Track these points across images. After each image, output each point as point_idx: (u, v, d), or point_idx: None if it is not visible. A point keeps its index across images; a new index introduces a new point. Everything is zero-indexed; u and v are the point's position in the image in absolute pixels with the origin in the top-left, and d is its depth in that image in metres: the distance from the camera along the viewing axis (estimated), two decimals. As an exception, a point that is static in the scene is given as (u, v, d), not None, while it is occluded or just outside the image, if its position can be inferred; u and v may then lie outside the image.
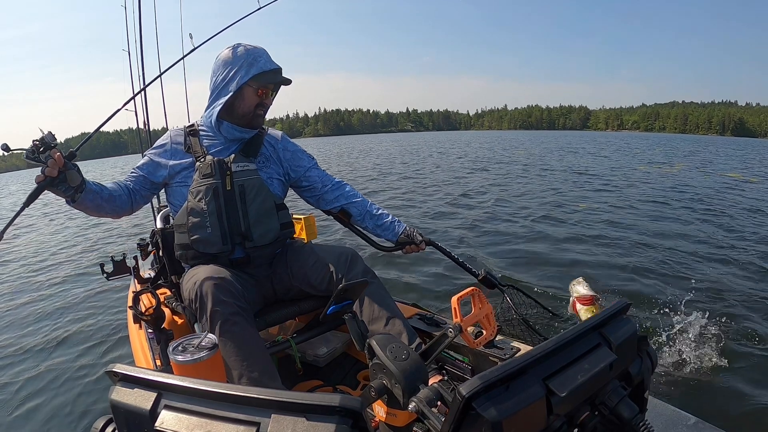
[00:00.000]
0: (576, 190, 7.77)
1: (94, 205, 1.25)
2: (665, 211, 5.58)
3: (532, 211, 5.88)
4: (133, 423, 0.54)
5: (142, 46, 2.05)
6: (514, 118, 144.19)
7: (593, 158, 14.73)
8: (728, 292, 2.54)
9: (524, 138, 41.18)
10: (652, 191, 7.42)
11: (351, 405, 0.46)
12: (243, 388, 0.49)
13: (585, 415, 0.61)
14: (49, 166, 1.07)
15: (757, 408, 1.61)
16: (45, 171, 1.08)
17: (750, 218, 5.12)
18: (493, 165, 13.46)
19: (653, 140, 34.58)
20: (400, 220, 1.56)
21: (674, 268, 3.05)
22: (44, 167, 1.08)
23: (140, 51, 2.04)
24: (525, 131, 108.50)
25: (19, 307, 3.72)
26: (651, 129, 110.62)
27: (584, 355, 0.61)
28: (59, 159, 1.08)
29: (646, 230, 4.52)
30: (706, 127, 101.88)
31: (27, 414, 2.11)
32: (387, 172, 12.22)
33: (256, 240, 1.36)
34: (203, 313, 1.16)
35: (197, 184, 1.33)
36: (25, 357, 2.72)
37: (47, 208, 10.32)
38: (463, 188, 8.10)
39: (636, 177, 9.69)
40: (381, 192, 8.42)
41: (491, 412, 0.49)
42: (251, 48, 1.36)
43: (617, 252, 3.68)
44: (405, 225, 1.55)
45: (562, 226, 4.93)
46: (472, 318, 0.96)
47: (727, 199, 6.57)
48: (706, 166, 12.33)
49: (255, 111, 1.39)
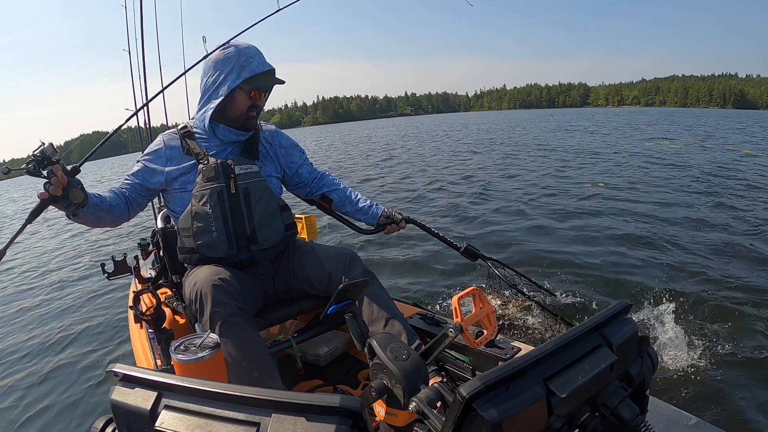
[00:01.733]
0: (582, 171, 7.53)
1: (94, 218, 1.23)
2: (673, 196, 5.22)
3: (534, 194, 5.78)
4: (133, 423, 0.54)
5: (143, 45, 2.06)
6: (514, 98, 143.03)
7: (601, 137, 14.13)
8: (734, 290, 2.53)
9: (524, 118, 40.18)
10: (660, 172, 7.05)
11: (351, 405, 0.46)
12: (243, 388, 0.49)
13: (585, 416, 0.61)
14: (52, 183, 1.04)
15: (758, 409, 1.61)
16: (49, 189, 1.05)
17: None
18: (499, 145, 13.21)
19: (654, 115, 33.77)
20: (379, 204, 1.60)
21: (677, 265, 3.00)
22: (47, 184, 1.05)
23: (142, 50, 2.05)
24: (525, 110, 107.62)
25: (20, 307, 3.73)
26: (651, 104, 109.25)
27: (585, 355, 0.61)
28: (62, 178, 1.05)
29: (652, 218, 4.28)
30: (707, 100, 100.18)
31: (28, 414, 2.11)
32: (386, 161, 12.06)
33: (262, 243, 1.35)
34: (203, 314, 1.17)
35: (201, 188, 1.30)
36: (26, 357, 2.72)
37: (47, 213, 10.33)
38: (452, 174, 8.05)
39: (645, 154, 9.26)
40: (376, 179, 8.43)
41: (491, 413, 0.49)
42: (243, 48, 1.32)
43: (620, 244, 3.55)
44: (383, 207, 1.59)
45: (567, 211, 4.80)
46: (473, 318, 0.96)
47: (738, 178, 6.15)
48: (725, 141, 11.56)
49: (248, 113, 1.37)
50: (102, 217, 1.26)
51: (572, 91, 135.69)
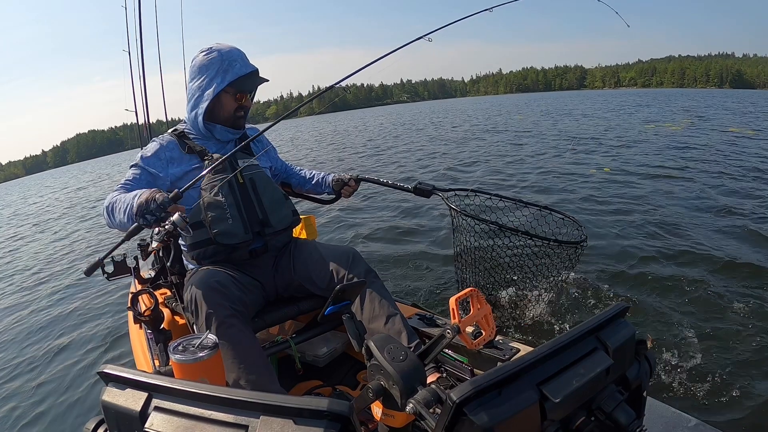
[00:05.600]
0: (587, 156, 7.33)
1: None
2: (677, 182, 5.02)
3: (532, 181, 5.70)
4: (123, 424, 0.54)
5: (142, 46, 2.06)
6: (510, 82, 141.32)
7: (603, 120, 13.84)
8: (734, 290, 2.50)
9: (520, 101, 39.39)
10: (663, 154, 6.91)
11: (339, 410, 0.45)
12: (232, 391, 0.49)
13: (580, 420, 0.60)
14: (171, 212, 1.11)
15: (758, 410, 1.59)
16: (174, 220, 1.09)
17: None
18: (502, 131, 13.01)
19: (652, 96, 33.26)
20: (328, 173, 1.72)
21: (679, 262, 2.96)
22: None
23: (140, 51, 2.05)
24: (521, 94, 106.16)
25: (20, 307, 3.75)
26: (648, 85, 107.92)
27: (580, 359, 0.61)
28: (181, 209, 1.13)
29: (655, 210, 4.08)
30: (704, 80, 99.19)
31: (28, 414, 2.12)
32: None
33: (275, 225, 1.41)
34: (199, 316, 1.17)
35: (210, 180, 1.34)
36: (26, 357, 2.74)
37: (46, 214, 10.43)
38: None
39: (648, 138, 8.98)
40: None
41: (482, 418, 0.49)
42: (225, 52, 1.36)
43: (621, 236, 3.46)
44: (332, 174, 1.71)
45: (570, 199, 4.68)
46: (471, 318, 0.95)
47: (738, 160, 5.98)
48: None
49: (235, 114, 1.43)
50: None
51: (569, 74, 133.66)
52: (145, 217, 1.10)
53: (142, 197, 1.11)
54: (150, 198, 1.10)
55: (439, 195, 1.67)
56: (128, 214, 1.15)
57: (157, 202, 1.09)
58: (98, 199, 11.19)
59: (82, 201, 12.07)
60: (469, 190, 1.79)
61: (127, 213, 1.15)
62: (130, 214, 1.14)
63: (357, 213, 5.19)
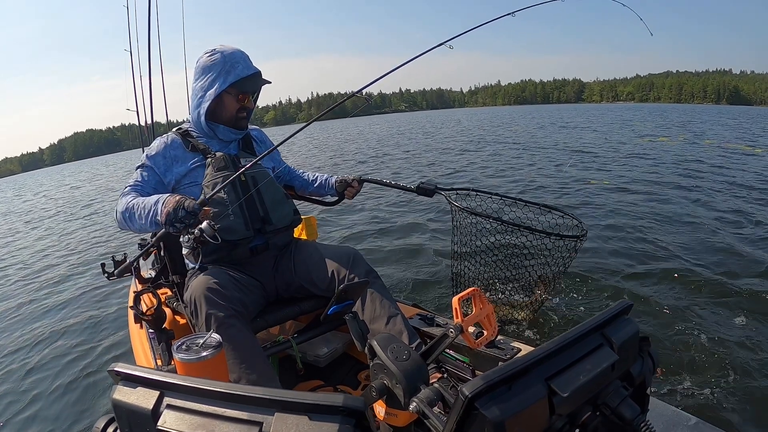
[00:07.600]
0: (583, 168, 7.43)
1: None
2: (672, 192, 5.16)
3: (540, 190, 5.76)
4: (134, 422, 0.54)
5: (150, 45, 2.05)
6: (508, 94, 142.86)
7: (601, 134, 13.93)
8: (734, 290, 2.52)
9: (518, 114, 39.61)
10: (659, 167, 7.05)
11: (354, 405, 0.46)
12: (246, 388, 0.49)
13: (587, 415, 0.61)
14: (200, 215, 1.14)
15: (758, 409, 1.61)
16: (202, 228, 1.12)
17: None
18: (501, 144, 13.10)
19: (649, 111, 33.67)
20: (331, 175, 1.75)
21: (679, 262, 2.99)
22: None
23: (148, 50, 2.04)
24: (519, 106, 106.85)
25: (21, 307, 3.72)
26: (646, 100, 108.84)
27: (586, 355, 0.61)
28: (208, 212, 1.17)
29: (653, 216, 4.20)
30: (702, 96, 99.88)
31: (29, 414, 2.11)
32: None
33: (276, 223, 1.42)
34: (199, 317, 1.18)
35: (212, 177, 1.36)
36: (26, 357, 2.72)
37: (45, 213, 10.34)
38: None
39: (645, 151, 9.21)
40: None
41: (494, 412, 0.49)
42: (228, 53, 1.37)
43: (622, 241, 3.52)
44: (335, 176, 1.73)
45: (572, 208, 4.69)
46: (473, 318, 0.95)
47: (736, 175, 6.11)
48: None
49: (237, 115, 1.44)
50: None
51: (567, 87, 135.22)
52: (175, 225, 1.11)
53: (169, 205, 1.12)
54: (178, 205, 1.11)
55: (442, 194, 1.71)
56: (151, 220, 1.16)
57: (186, 210, 1.10)
58: (92, 200, 11.14)
59: (84, 198, 12.02)
60: (470, 190, 1.83)
61: (150, 219, 1.16)
62: (154, 220, 1.15)
63: (357, 213, 5.20)
